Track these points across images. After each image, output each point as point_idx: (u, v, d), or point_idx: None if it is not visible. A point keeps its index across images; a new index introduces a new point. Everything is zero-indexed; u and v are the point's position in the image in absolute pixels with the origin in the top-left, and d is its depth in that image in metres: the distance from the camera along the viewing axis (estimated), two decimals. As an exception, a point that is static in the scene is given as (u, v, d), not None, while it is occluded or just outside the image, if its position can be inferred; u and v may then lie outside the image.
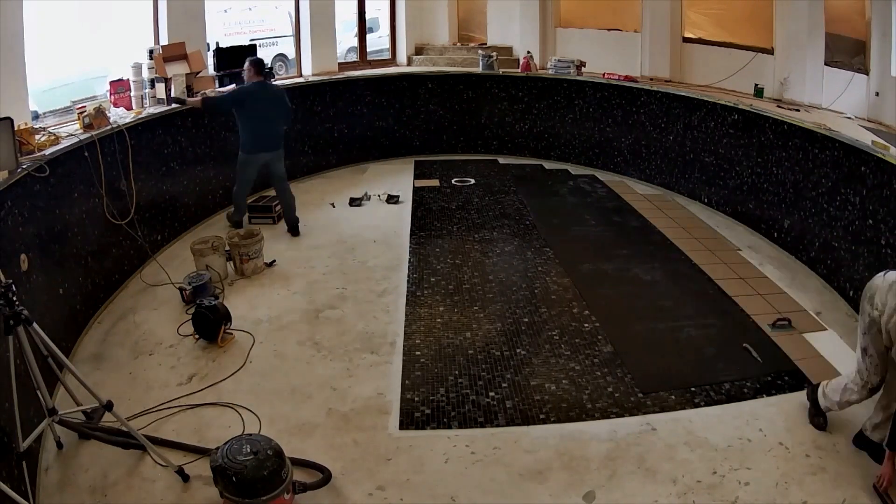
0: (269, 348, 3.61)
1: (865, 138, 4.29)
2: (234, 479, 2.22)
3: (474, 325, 3.85)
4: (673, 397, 3.16)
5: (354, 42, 8.37)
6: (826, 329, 3.81)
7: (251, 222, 5.45)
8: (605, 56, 7.17)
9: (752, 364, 3.44)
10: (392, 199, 5.99)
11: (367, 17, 8.21)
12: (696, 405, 3.10)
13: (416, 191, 6.41)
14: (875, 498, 2.48)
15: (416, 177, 6.86)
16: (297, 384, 3.27)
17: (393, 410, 3.06)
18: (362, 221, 5.56)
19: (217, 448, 2.35)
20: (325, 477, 2.57)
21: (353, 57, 8.54)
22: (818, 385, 2.94)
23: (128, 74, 4.94)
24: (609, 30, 7.47)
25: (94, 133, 3.95)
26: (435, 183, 6.65)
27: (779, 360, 3.49)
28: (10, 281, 2.24)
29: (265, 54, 8.21)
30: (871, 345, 2.54)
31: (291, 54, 7.64)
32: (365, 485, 2.59)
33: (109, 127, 4.14)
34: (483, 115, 7.54)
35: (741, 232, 5.37)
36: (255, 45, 6.58)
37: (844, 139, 4.17)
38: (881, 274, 2.59)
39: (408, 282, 4.41)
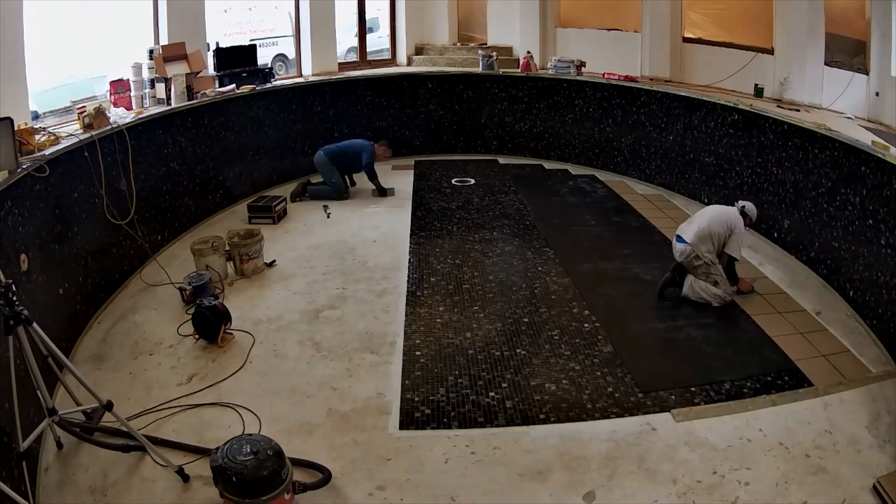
0: (269, 348, 3.61)
1: (865, 138, 4.29)
2: (234, 479, 2.22)
3: (474, 325, 3.85)
4: (673, 397, 3.16)
5: (354, 42, 8.37)
6: (826, 329, 3.81)
7: (251, 222, 5.45)
8: (605, 56, 7.17)
9: (753, 364, 3.43)
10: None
11: (367, 17, 8.21)
12: (696, 405, 3.10)
13: (416, 191, 6.42)
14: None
15: (417, 177, 6.87)
16: (297, 384, 3.27)
17: (393, 410, 3.07)
18: (362, 221, 5.56)
19: (217, 448, 2.35)
20: (325, 477, 2.57)
21: (353, 57, 8.54)
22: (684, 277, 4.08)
23: (128, 74, 4.94)
24: (609, 30, 7.47)
25: (94, 133, 3.95)
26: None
27: (779, 360, 3.49)
28: (10, 281, 2.24)
29: (265, 54, 8.23)
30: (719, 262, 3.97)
31: (291, 54, 7.64)
32: (365, 485, 2.59)
33: (109, 127, 4.15)
34: (483, 115, 7.54)
35: (741, 232, 5.36)
36: (255, 45, 6.58)
37: (844, 139, 4.17)
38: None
39: (408, 282, 4.41)
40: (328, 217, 5.66)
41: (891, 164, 3.64)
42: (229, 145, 5.77)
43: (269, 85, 6.26)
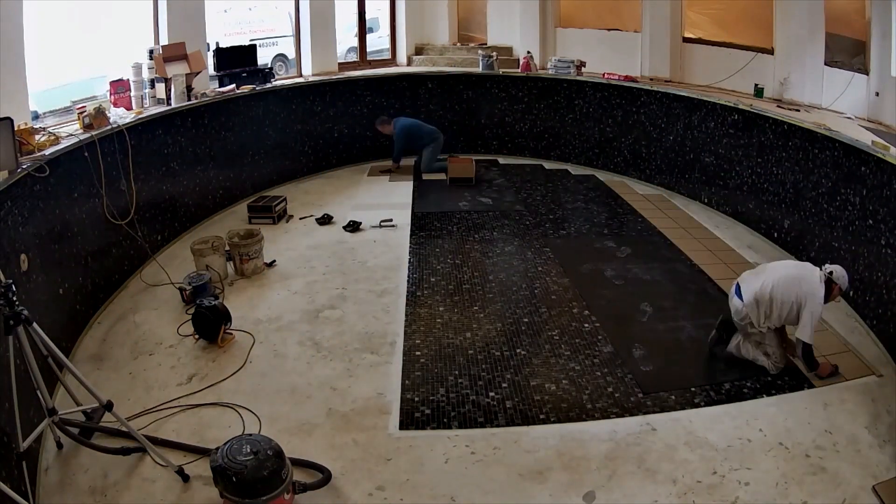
0: (269, 348, 3.61)
1: (865, 138, 4.29)
2: (234, 479, 2.22)
3: (474, 325, 3.85)
4: (673, 397, 3.16)
5: (354, 42, 8.37)
6: (826, 329, 3.81)
7: (251, 222, 5.45)
8: (605, 56, 7.17)
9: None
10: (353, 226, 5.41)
11: (367, 17, 8.21)
12: (696, 405, 3.11)
13: (416, 191, 6.42)
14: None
15: (416, 177, 6.87)
16: (297, 384, 3.27)
17: (393, 410, 3.07)
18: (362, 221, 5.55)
19: (217, 448, 2.34)
20: (325, 477, 2.57)
21: (353, 57, 8.54)
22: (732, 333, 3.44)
23: (128, 74, 4.94)
24: (609, 30, 7.47)
25: (94, 133, 3.94)
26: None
27: (779, 360, 3.49)
28: (10, 281, 2.24)
29: (265, 54, 8.22)
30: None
31: (291, 54, 7.65)
32: (365, 485, 2.59)
33: (109, 127, 4.14)
34: (483, 115, 7.54)
35: (741, 232, 5.36)
36: (255, 45, 6.59)
37: (844, 139, 4.17)
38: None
39: (408, 282, 4.41)
40: (380, 226, 5.40)
41: (891, 164, 3.64)
42: (229, 145, 5.77)
43: (269, 85, 6.26)
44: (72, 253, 3.68)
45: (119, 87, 4.81)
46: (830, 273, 3.12)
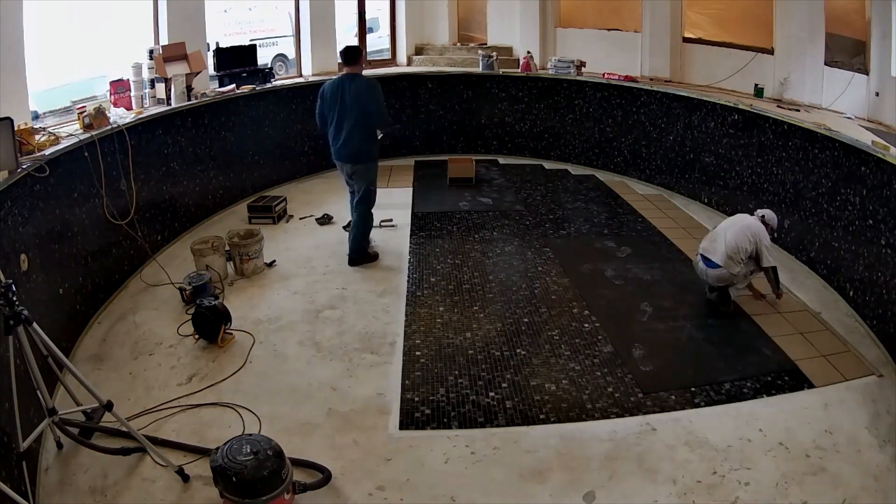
0: (269, 348, 3.61)
1: (865, 138, 4.29)
2: (234, 479, 2.22)
3: (474, 325, 3.85)
4: (673, 397, 3.16)
5: (355, 42, 8.37)
6: (826, 329, 3.81)
7: (251, 222, 5.45)
8: (605, 56, 7.17)
9: (753, 364, 3.44)
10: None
11: (367, 17, 8.21)
12: (696, 405, 3.11)
13: (416, 191, 6.41)
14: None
15: (417, 177, 6.87)
16: (297, 384, 3.28)
17: (393, 410, 3.07)
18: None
19: (217, 448, 2.35)
20: (325, 477, 2.57)
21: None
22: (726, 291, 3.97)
23: (128, 74, 4.94)
24: (609, 30, 7.47)
25: (94, 133, 3.94)
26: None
27: (779, 360, 3.49)
28: (10, 281, 2.24)
29: (265, 54, 8.22)
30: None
31: (291, 54, 7.65)
32: (365, 485, 2.59)
33: (109, 127, 4.14)
34: (483, 115, 7.54)
35: (741, 232, 5.36)
36: (255, 45, 6.59)
37: (844, 139, 4.17)
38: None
39: (408, 282, 4.41)
40: (380, 226, 5.32)
41: (891, 164, 3.64)
42: (229, 145, 5.77)
43: (269, 85, 6.26)
44: (72, 253, 3.68)
45: (119, 87, 4.81)
46: (762, 216, 4.00)
